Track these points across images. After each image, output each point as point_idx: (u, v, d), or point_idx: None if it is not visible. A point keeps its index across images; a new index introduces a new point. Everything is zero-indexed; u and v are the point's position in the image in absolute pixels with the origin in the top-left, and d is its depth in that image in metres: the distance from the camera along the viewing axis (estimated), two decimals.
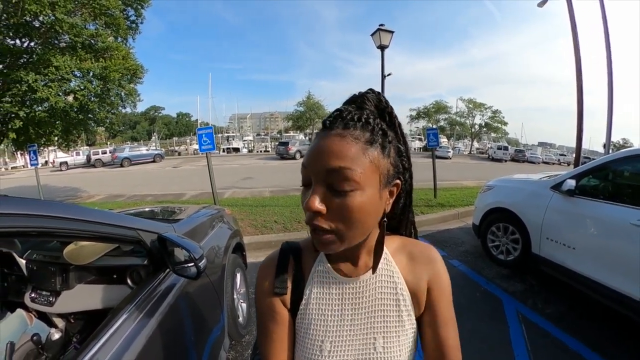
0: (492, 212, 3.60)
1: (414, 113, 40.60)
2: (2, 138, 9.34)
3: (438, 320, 0.57)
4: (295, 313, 0.59)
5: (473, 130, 38.72)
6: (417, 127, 45.96)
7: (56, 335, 1.28)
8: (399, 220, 0.63)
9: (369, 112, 0.50)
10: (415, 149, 38.00)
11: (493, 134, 40.20)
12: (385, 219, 0.53)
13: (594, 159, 3.13)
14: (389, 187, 0.51)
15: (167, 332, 1.12)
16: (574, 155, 7.45)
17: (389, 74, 6.91)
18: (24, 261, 1.61)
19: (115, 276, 1.53)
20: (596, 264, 2.44)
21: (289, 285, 0.60)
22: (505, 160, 26.17)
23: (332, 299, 0.58)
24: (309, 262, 0.61)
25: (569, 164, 25.37)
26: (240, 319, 2.22)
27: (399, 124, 0.54)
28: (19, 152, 28.67)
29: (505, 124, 37.31)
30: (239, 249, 2.46)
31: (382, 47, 6.61)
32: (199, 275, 1.16)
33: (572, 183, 2.72)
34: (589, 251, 2.53)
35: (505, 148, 27.86)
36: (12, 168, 27.34)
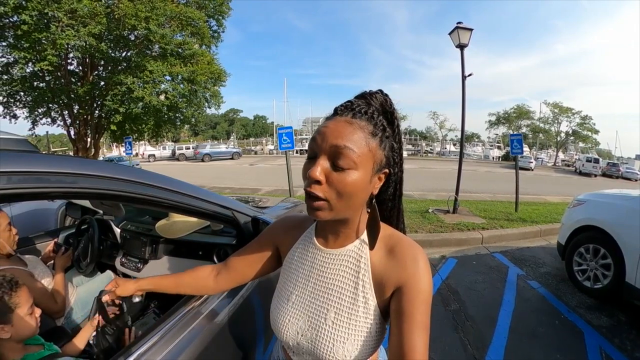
0: (581, 230, 3.15)
1: (493, 118, 37.79)
2: (104, 131, 11.21)
3: (406, 326, 0.52)
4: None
5: (558, 138, 34.36)
6: (496, 134, 42.42)
7: (137, 299, 1.42)
8: (389, 209, 0.67)
9: (375, 109, 0.58)
10: (493, 157, 35.08)
11: (581, 144, 35.41)
12: (374, 201, 0.60)
13: None
14: (379, 174, 0.58)
15: (242, 313, 1.11)
16: None
17: (469, 75, 6.32)
18: (118, 230, 1.86)
19: (201, 252, 1.61)
20: None
21: (291, 242, 0.74)
22: (595, 175, 22.34)
23: (306, 261, 0.68)
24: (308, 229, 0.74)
25: None
26: None
27: (398, 125, 0.61)
28: (114, 144, 33.76)
29: (597, 132, 32.50)
30: None
31: (461, 46, 6.03)
32: None
33: None
34: None
35: (596, 160, 23.56)
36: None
